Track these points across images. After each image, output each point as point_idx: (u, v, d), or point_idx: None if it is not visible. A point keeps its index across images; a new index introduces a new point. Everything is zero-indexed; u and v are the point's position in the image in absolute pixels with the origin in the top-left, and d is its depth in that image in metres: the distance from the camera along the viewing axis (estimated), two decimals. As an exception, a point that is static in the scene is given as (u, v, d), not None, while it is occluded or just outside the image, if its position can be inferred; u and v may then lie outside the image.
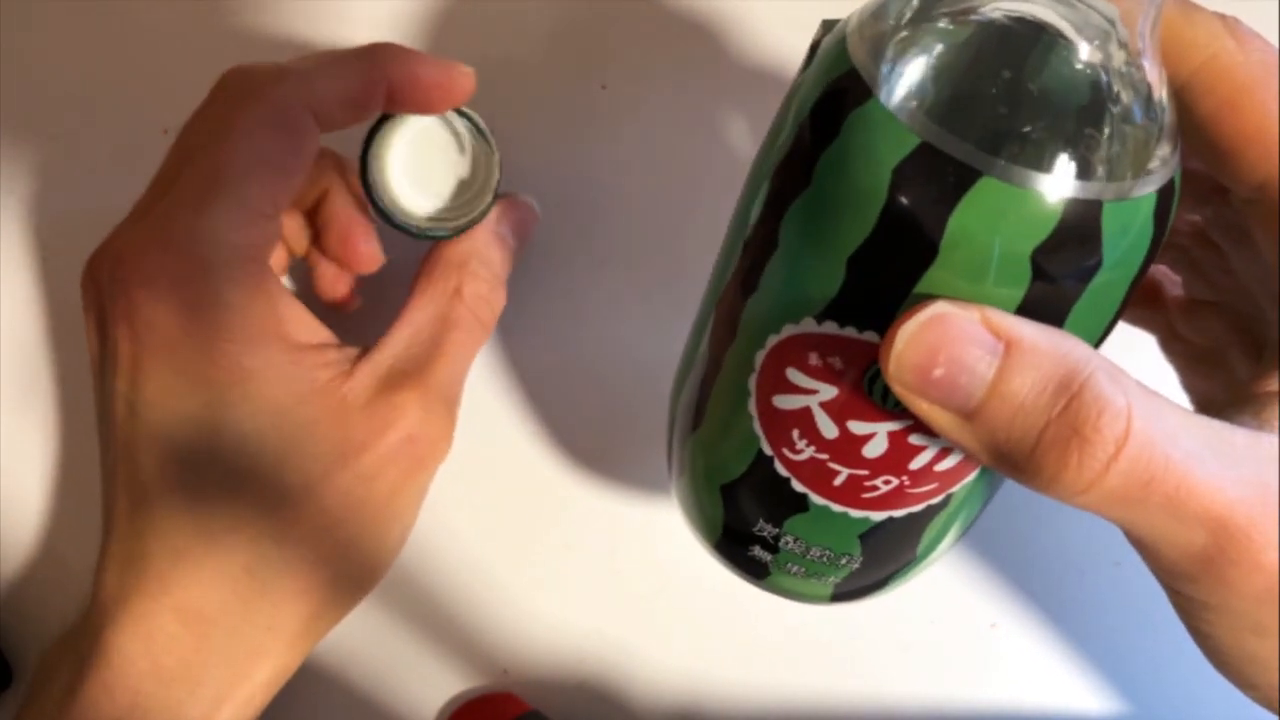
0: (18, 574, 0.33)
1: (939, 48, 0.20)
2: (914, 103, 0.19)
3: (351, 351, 0.28)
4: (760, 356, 0.23)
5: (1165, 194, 0.20)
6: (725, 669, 0.33)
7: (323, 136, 0.28)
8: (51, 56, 0.37)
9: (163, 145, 0.28)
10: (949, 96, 0.19)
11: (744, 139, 0.36)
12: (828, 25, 0.22)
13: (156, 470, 0.27)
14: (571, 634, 0.33)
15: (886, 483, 0.23)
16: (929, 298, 0.19)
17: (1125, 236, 0.19)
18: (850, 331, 0.21)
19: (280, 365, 0.27)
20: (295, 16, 0.37)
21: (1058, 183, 0.18)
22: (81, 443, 0.33)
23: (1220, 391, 0.25)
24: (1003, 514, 0.34)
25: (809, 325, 0.21)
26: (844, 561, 0.25)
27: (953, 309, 0.18)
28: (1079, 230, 0.19)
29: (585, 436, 0.34)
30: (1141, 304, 0.27)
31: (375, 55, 0.28)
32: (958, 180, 0.18)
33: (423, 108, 0.29)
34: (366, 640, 0.33)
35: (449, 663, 0.33)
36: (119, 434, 0.27)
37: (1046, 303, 0.19)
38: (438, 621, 0.33)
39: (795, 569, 0.25)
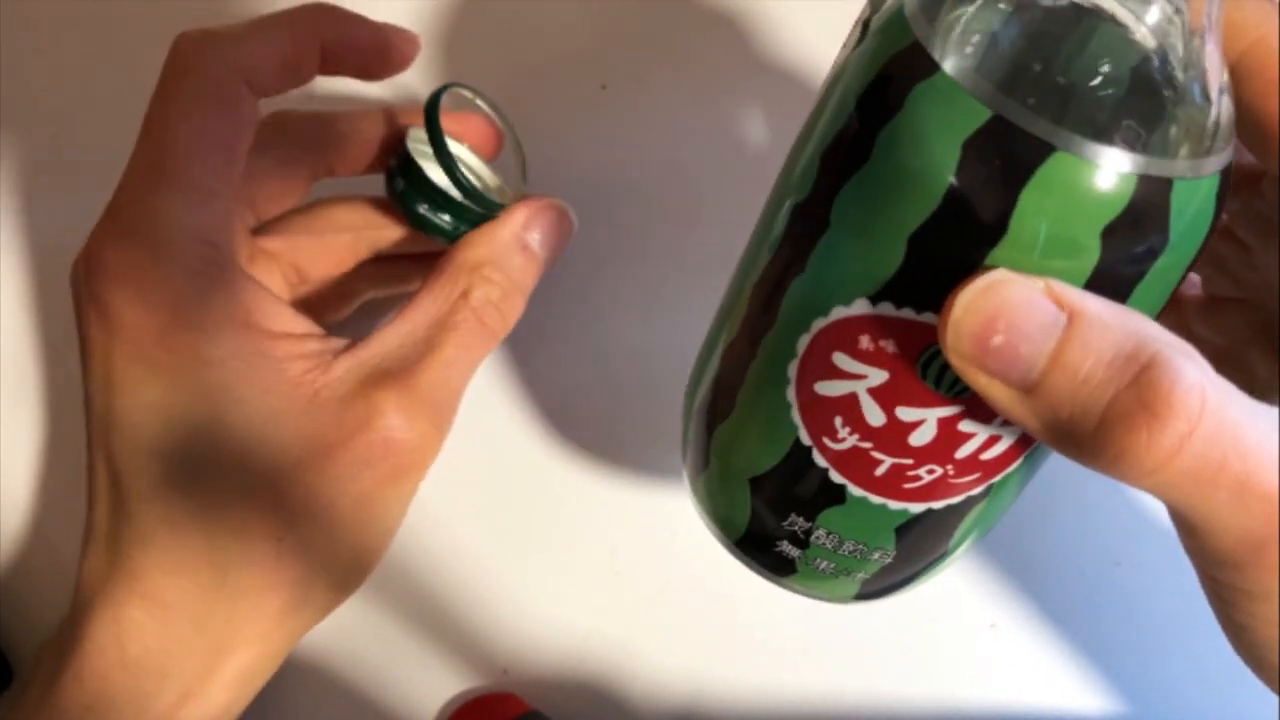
0: (18, 573, 0.33)
1: (1004, 23, 0.19)
2: (983, 76, 0.19)
3: (336, 343, 0.27)
4: (804, 341, 0.22)
5: (1226, 174, 0.20)
6: (725, 669, 0.33)
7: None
8: (51, 56, 0.37)
9: (162, 144, 0.28)
10: (1017, 70, 0.19)
11: (745, 136, 0.36)
12: (876, 2, 0.22)
13: (127, 457, 0.27)
14: (571, 634, 0.33)
15: (930, 472, 0.22)
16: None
17: (1189, 215, 0.19)
18: (908, 313, 0.20)
19: (244, 355, 0.26)
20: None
21: (1130, 159, 0.18)
22: (81, 443, 0.33)
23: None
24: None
25: (862, 307, 0.21)
26: (876, 556, 0.24)
27: (1013, 276, 0.18)
28: (1149, 208, 0.18)
29: (586, 437, 0.34)
30: None
31: (306, 17, 0.28)
32: (1030, 154, 0.18)
33: (361, 73, 0.29)
34: (366, 640, 0.33)
35: (449, 663, 0.33)
36: (95, 421, 0.27)
37: (1111, 281, 0.19)
38: (438, 621, 0.33)
39: (825, 565, 0.25)
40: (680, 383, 0.28)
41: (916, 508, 0.23)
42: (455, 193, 0.30)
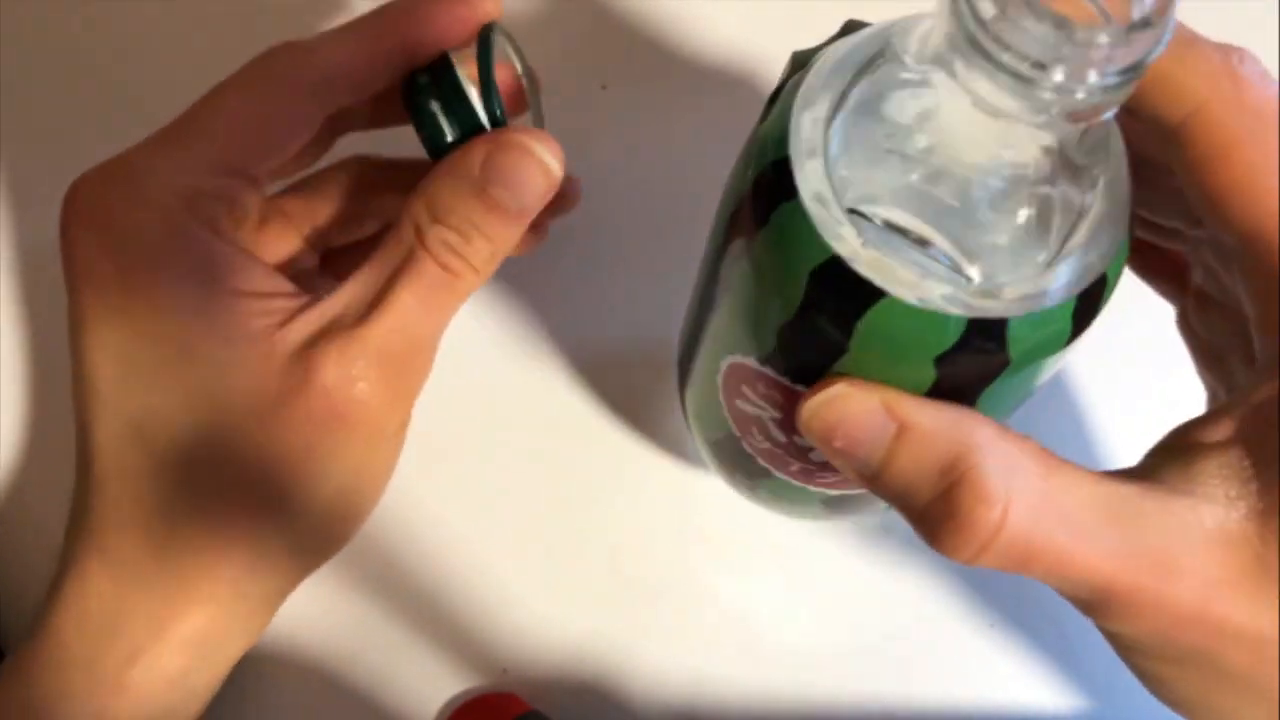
0: (18, 571, 0.33)
1: (861, 154, 0.20)
2: (830, 211, 0.20)
3: (304, 300, 0.27)
4: (722, 366, 0.24)
5: (1090, 291, 0.20)
6: (725, 669, 0.33)
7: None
8: (51, 56, 0.37)
9: (162, 145, 0.28)
10: (860, 212, 0.20)
11: (745, 136, 0.36)
12: (797, 61, 0.23)
13: (86, 404, 0.27)
14: (571, 634, 0.33)
15: (835, 474, 0.24)
16: (844, 375, 0.21)
17: (1035, 341, 0.20)
18: (785, 380, 0.22)
19: (203, 307, 0.26)
20: (294, 17, 0.37)
21: (960, 304, 0.19)
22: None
23: (1224, 388, 0.25)
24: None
25: (753, 363, 0.23)
26: (813, 511, 0.28)
27: (852, 391, 0.20)
28: (982, 343, 0.20)
29: (586, 436, 0.34)
30: (1166, 279, 0.27)
31: (383, 18, 0.27)
32: (863, 296, 0.19)
33: (454, 41, 0.27)
34: (366, 640, 0.33)
35: (449, 663, 0.33)
36: (72, 365, 0.28)
37: (952, 392, 0.20)
38: (438, 621, 0.33)
39: (773, 506, 0.30)
40: (679, 381, 0.28)
41: (833, 492, 0.26)
42: (476, 99, 0.27)
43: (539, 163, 0.26)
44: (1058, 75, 0.16)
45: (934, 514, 0.19)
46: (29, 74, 0.37)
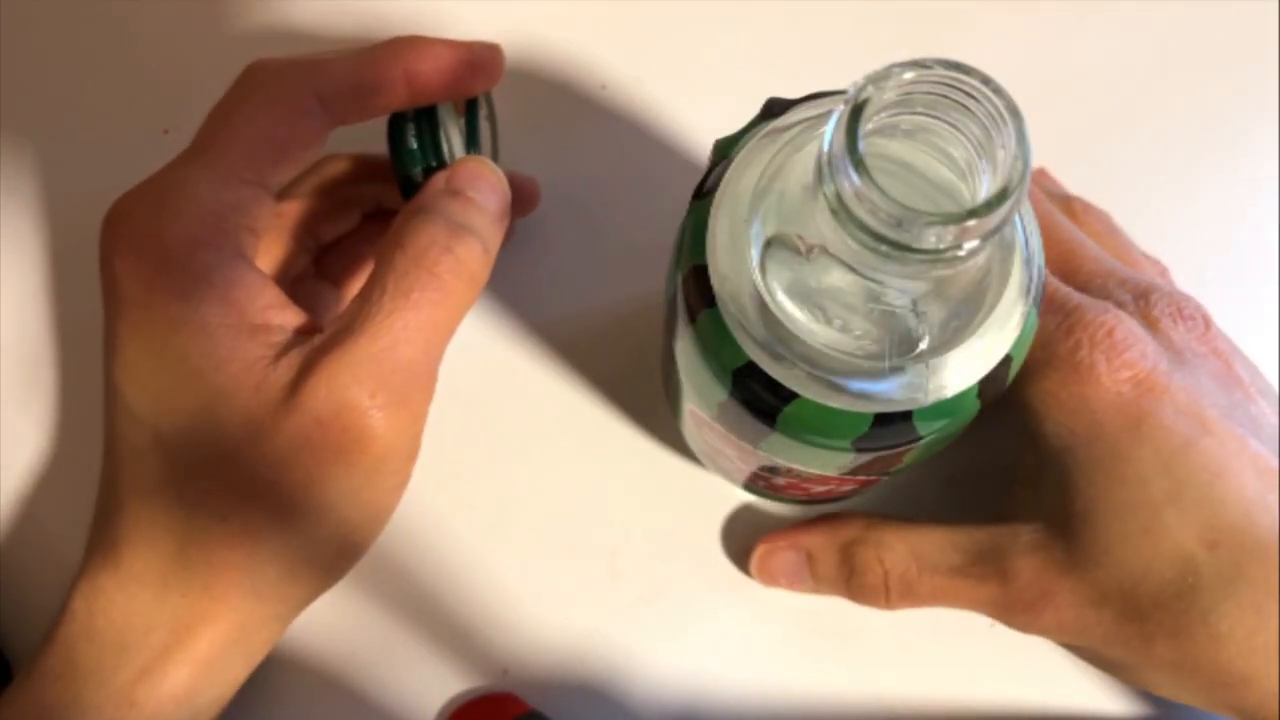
0: (19, 573, 0.33)
1: (765, 263, 0.21)
2: (743, 321, 0.21)
3: (308, 324, 0.27)
4: (685, 407, 0.27)
5: (994, 373, 0.21)
6: (725, 669, 0.33)
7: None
8: (51, 56, 0.37)
9: (163, 145, 0.28)
10: (773, 316, 0.21)
11: (744, 139, 0.36)
12: (719, 149, 0.24)
13: (113, 418, 0.28)
14: (572, 634, 0.33)
15: (802, 489, 0.28)
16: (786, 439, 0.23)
17: (943, 420, 0.22)
18: (732, 436, 0.25)
19: (209, 327, 0.26)
20: (294, 17, 0.37)
21: (867, 401, 0.21)
22: (84, 442, 0.33)
23: None
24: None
25: (705, 417, 0.25)
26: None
27: (775, 545, 0.32)
28: (892, 428, 0.22)
29: (587, 436, 0.34)
30: None
31: (386, 45, 0.28)
32: (778, 395, 0.22)
33: (456, 93, 0.29)
34: (367, 640, 0.33)
35: (449, 663, 0.33)
36: (104, 380, 0.28)
37: (878, 456, 0.23)
38: (438, 621, 0.33)
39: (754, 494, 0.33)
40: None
41: (793, 494, 0.30)
42: (454, 139, 0.30)
43: (493, 167, 0.29)
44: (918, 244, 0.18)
45: (852, 594, 0.31)
46: (32, 74, 0.37)
